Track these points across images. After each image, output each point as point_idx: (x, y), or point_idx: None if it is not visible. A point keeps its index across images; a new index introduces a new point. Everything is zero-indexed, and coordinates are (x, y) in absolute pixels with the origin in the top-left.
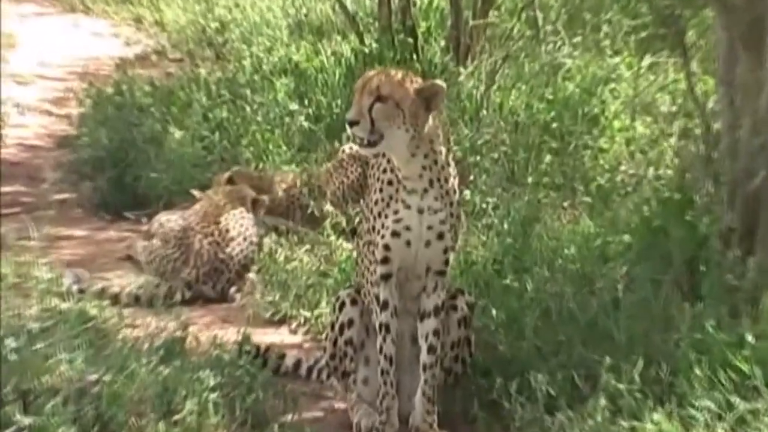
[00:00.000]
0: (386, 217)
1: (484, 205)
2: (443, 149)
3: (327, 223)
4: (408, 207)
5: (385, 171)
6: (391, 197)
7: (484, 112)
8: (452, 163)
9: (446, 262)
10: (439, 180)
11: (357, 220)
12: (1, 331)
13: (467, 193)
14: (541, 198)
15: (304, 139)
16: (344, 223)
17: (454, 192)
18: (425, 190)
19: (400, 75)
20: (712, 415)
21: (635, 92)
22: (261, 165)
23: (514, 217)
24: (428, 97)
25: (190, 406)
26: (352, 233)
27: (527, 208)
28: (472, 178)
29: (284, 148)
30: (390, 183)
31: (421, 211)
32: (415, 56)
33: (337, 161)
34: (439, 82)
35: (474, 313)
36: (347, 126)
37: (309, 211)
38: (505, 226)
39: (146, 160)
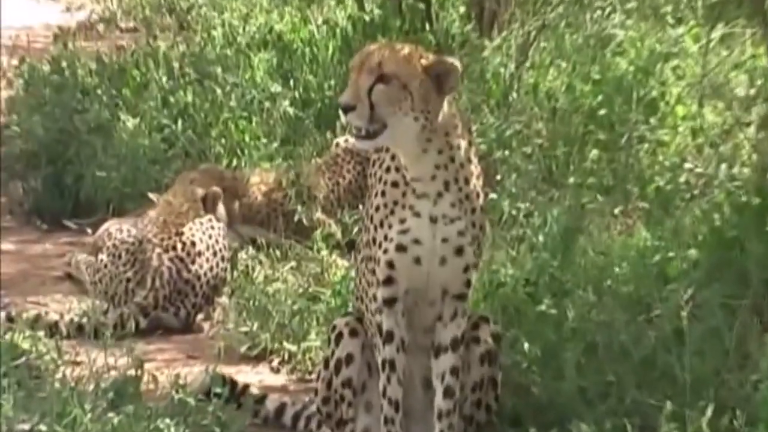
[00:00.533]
0: (390, 227)
1: (514, 212)
2: (462, 142)
3: (317, 234)
4: (417, 215)
5: (389, 170)
6: (396, 202)
7: (515, 95)
8: (474, 160)
9: (467, 284)
10: (457, 181)
11: (355, 230)
12: None
13: (493, 197)
14: (586, 203)
15: (289, 129)
16: (339, 235)
17: (477, 196)
18: (439, 194)
19: (406, 50)
20: None
21: (703, 71)
22: (235, 162)
23: (552, 227)
24: (440, 77)
25: None
26: (350, 247)
27: (568, 215)
28: (499, 178)
29: (264, 140)
30: (395, 185)
31: (434, 220)
32: (427, 26)
33: (331, 157)
34: (453, 59)
35: (501, 347)
36: (341, 112)
37: (295, 219)
38: (541, 238)
39: (91, 155)
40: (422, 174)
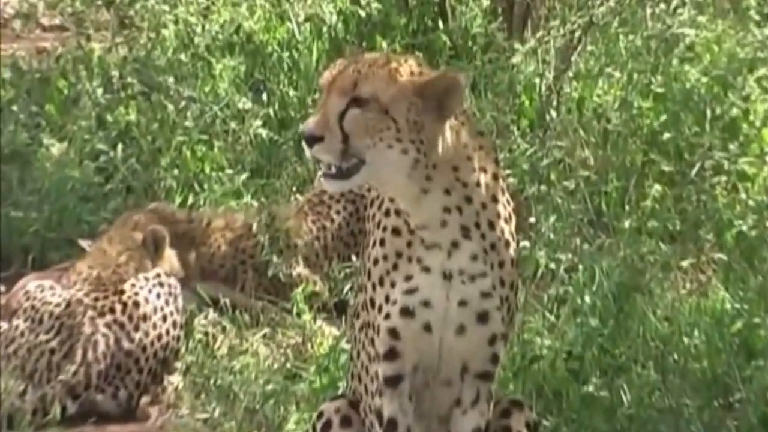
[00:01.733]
0: (393, 285)
1: (552, 266)
2: (483, 177)
3: (298, 293)
4: (427, 270)
5: (388, 213)
6: (399, 254)
7: (553, 114)
8: (502, 198)
9: (493, 359)
10: (478, 226)
11: (346, 288)
12: None
13: (525, 245)
14: (646, 254)
15: (261, 156)
16: (326, 294)
17: (507, 245)
18: (455, 244)
19: (391, 64)
20: None
21: None
22: (192, 199)
23: (602, 285)
24: (439, 97)
25: None
26: (340, 309)
27: (623, 269)
28: (533, 221)
29: (229, 171)
30: (397, 232)
31: (448, 277)
32: (441, 23)
33: (315, 194)
34: (454, 73)
35: None
36: (304, 144)
37: (269, 274)
38: (587, 299)
39: (5, 189)
40: (427, 220)
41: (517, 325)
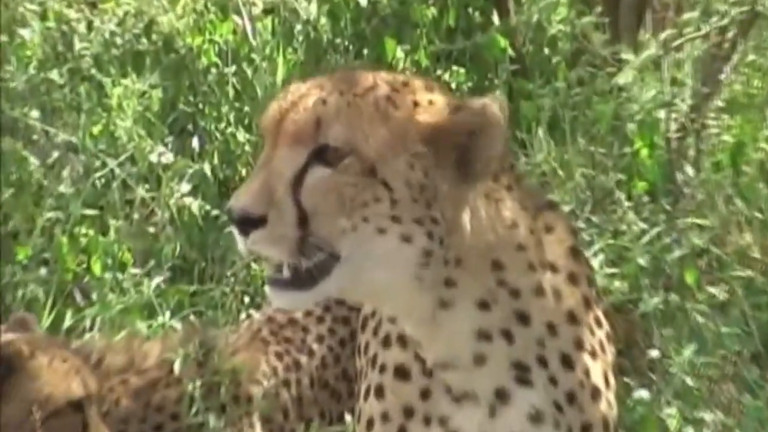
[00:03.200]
0: None
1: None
2: (549, 278)
3: None
4: None
5: (388, 341)
6: (409, 412)
7: (689, 171)
8: (588, 315)
9: None
10: (543, 363)
11: None
12: None
13: (641, 395)
14: None
15: (190, 245)
16: None
17: (596, 395)
18: (501, 395)
19: (381, 88)
20: None
21: None
22: (72, 317)
23: None
24: (462, 145)
25: None
26: None
27: None
28: (655, 354)
29: (135, 269)
30: (403, 374)
31: None
32: (497, 19)
33: (282, 309)
34: (488, 102)
35: None
36: (235, 231)
37: None
38: None
39: None
40: (452, 354)
41: None
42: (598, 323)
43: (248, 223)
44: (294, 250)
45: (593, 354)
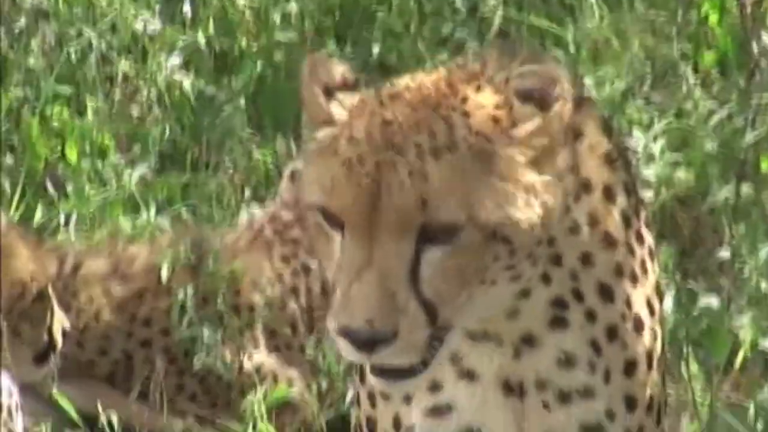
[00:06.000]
0: (406, 399)
1: None
2: (582, 200)
3: (255, 402)
4: (472, 376)
5: None
6: None
7: (766, 39)
8: (628, 232)
9: None
10: (579, 297)
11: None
12: None
13: (710, 303)
14: None
15: (182, 128)
16: (312, 405)
17: (639, 326)
18: (529, 339)
19: (463, 120)
20: None
21: None
22: (43, 215)
23: None
24: (552, 140)
25: None
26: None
27: None
28: (725, 254)
29: (117, 155)
30: None
31: (517, 392)
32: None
33: (288, 205)
34: (552, 70)
35: None
36: (349, 348)
37: (198, 366)
38: None
39: None
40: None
41: None
42: (640, 239)
43: (378, 343)
44: (424, 350)
45: (634, 279)
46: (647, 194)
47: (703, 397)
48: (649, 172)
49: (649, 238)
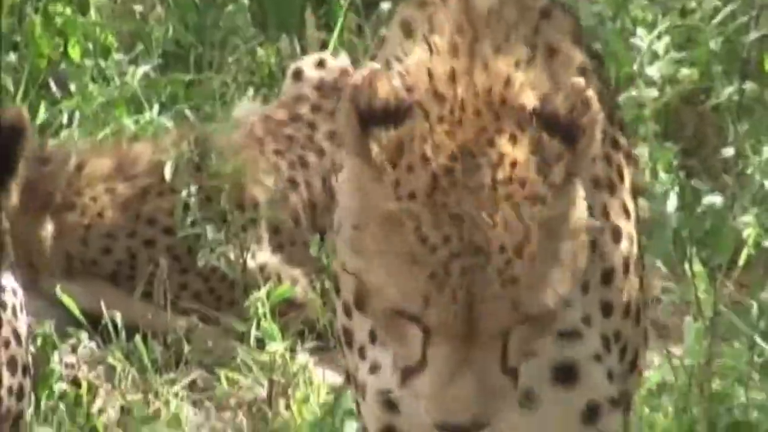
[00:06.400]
0: None
1: None
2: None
3: (258, 299)
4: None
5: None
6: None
7: None
8: (607, 136)
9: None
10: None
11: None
12: None
13: (712, 201)
14: None
15: (184, 25)
16: (316, 302)
17: (618, 235)
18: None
19: (521, 146)
20: None
21: None
22: (46, 113)
23: None
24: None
25: None
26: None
27: None
28: (729, 151)
29: (119, 54)
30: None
31: None
32: None
33: (288, 101)
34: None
35: None
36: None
37: (201, 263)
38: None
39: None
40: None
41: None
42: (615, 146)
43: (477, 426)
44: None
45: (611, 188)
46: (651, 93)
47: (706, 295)
48: (654, 71)
49: (622, 140)
